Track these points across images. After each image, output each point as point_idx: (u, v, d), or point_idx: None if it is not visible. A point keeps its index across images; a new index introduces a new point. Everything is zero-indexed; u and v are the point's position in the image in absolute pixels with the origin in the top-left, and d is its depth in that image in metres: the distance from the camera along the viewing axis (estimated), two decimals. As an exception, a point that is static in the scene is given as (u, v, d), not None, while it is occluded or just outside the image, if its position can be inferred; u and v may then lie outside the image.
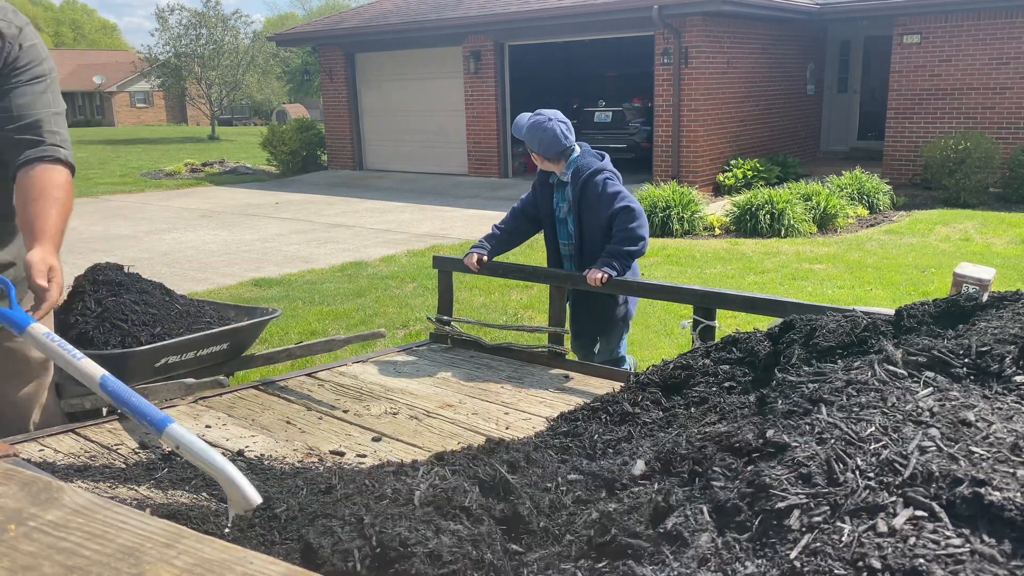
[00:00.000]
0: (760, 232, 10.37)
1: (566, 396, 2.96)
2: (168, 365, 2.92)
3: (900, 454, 1.16)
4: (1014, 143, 12.75)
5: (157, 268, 8.99)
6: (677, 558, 1.17)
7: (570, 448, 2.05)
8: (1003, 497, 1.04)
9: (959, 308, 1.83)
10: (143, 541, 0.74)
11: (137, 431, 2.63)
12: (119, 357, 2.88)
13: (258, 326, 3.34)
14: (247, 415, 2.79)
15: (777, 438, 1.31)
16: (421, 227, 11.77)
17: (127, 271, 3.26)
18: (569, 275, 3.60)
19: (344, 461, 2.38)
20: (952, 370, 1.48)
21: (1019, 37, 12.72)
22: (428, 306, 6.93)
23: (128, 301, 3.07)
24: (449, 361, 3.45)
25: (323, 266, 9.24)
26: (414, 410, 2.83)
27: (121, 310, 2.99)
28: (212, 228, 12.12)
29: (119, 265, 3.27)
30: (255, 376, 4.12)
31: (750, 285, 7.71)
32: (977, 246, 9.46)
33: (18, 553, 0.71)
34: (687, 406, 1.98)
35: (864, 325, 1.81)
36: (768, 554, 1.10)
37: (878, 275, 8.12)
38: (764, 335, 2.09)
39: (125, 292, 3.11)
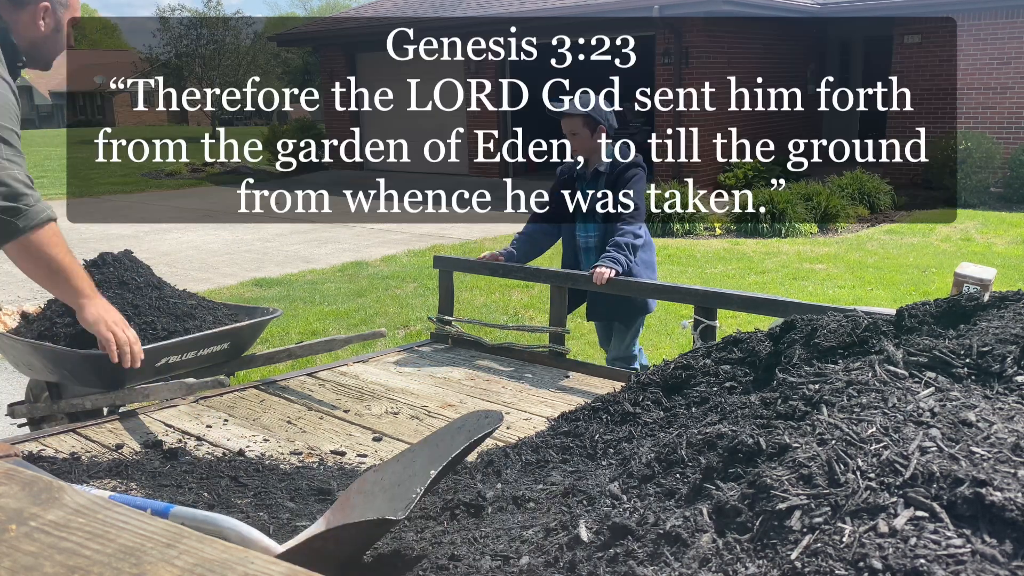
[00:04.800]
0: (761, 232, 10.37)
1: (567, 396, 2.96)
2: (169, 365, 2.92)
3: (901, 455, 1.16)
4: (1015, 143, 12.74)
5: (158, 268, 8.94)
6: (678, 558, 1.17)
7: (571, 448, 2.05)
8: (1004, 497, 1.04)
9: (960, 308, 1.83)
10: (144, 541, 0.74)
11: (138, 431, 2.64)
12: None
13: (259, 326, 3.33)
14: (248, 415, 2.79)
15: (778, 439, 1.31)
16: (421, 227, 11.77)
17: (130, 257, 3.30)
18: (569, 275, 3.60)
19: (345, 461, 2.38)
20: (953, 370, 1.48)
21: (1019, 37, 12.72)
22: (428, 306, 6.92)
23: (131, 299, 3.08)
24: (450, 361, 3.45)
25: (323, 266, 9.24)
26: (415, 410, 2.83)
27: (123, 308, 3.00)
28: (213, 228, 12.12)
29: (120, 256, 3.31)
30: (256, 376, 4.12)
31: (751, 285, 7.71)
32: (978, 246, 9.46)
33: (19, 553, 0.71)
34: (688, 406, 1.98)
35: (865, 325, 1.80)
36: (769, 555, 1.10)
37: (879, 275, 8.12)
38: (765, 335, 2.09)
39: (128, 291, 3.12)
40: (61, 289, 2.27)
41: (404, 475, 1.71)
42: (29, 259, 2.19)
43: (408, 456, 1.78)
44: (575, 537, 1.35)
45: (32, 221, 2.14)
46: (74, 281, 2.28)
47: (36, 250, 2.17)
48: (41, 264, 2.20)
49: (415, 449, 1.81)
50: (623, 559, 1.22)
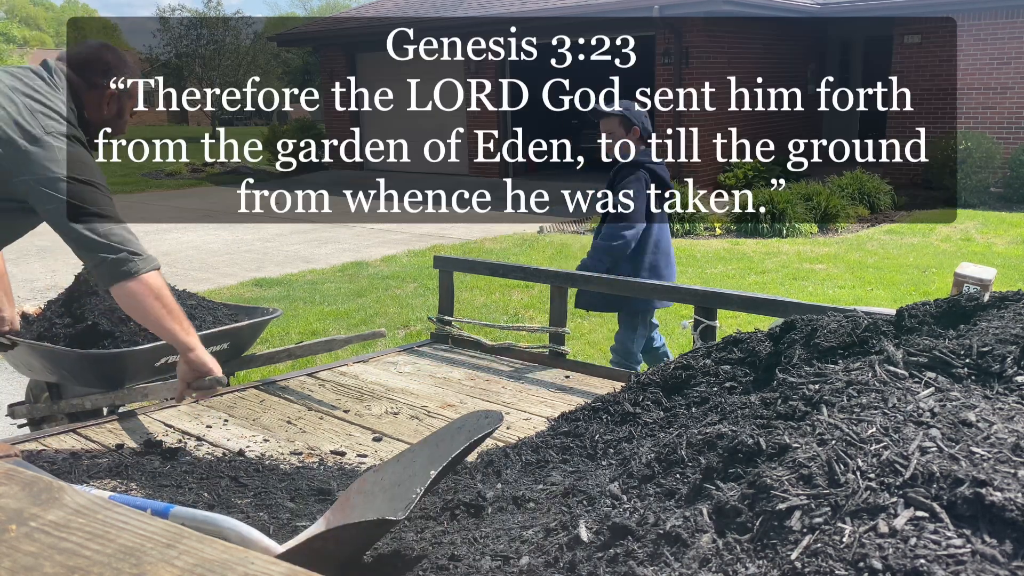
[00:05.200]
0: (761, 232, 10.37)
1: (567, 396, 2.96)
2: (168, 365, 2.92)
3: (901, 455, 1.16)
4: (1015, 143, 12.74)
5: (158, 268, 8.98)
6: (678, 559, 1.17)
7: (571, 448, 2.05)
8: (1004, 497, 1.04)
9: (960, 308, 1.83)
10: (144, 541, 0.74)
11: (138, 431, 2.64)
12: (118, 357, 2.88)
13: (258, 326, 3.34)
14: (248, 415, 2.79)
15: (778, 439, 1.31)
16: (421, 227, 11.77)
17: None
18: (570, 275, 3.61)
19: (345, 461, 2.38)
20: (953, 370, 1.48)
21: (1019, 37, 12.72)
22: (428, 306, 6.93)
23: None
24: (450, 361, 3.45)
25: (324, 266, 9.25)
26: (415, 410, 2.83)
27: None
28: (213, 228, 12.13)
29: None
30: (256, 376, 4.12)
31: (751, 285, 7.71)
32: (978, 246, 9.46)
33: (19, 553, 0.71)
34: (688, 406, 1.98)
35: (865, 325, 1.80)
36: (769, 555, 1.10)
37: (879, 275, 8.12)
38: (765, 335, 2.09)
39: None
40: (167, 332, 2.39)
41: (404, 475, 1.71)
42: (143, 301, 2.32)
43: (408, 456, 1.78)
44: (575, 537, 1.35)
45: (149, 265, 2.34)
46: (184, 322, 2.43)
47: (153, 291, 2.32)
48: (156, 305, 2.34)
49: (415, 449, 1.81)
50: (623, 559, 1.22)
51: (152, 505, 1.77)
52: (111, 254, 2.27)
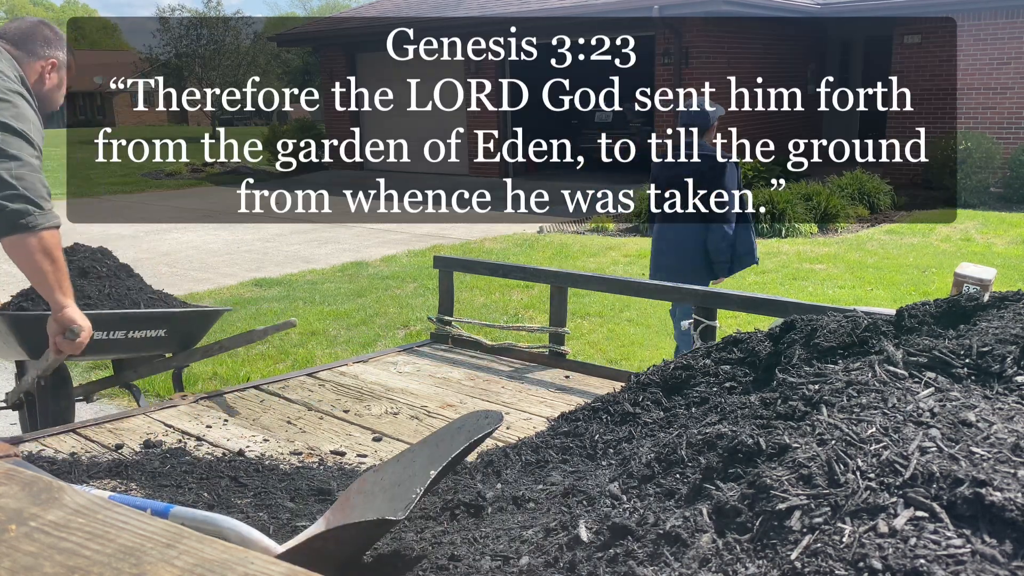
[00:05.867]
0: (761, 232, 10.37)
1: (567, 396, 2.96)
2: (99, 343, 2.95)
3: (901, 455, 1.16)
4: (1015, 143, 12.74)
5: (158, 268, 8.99)
6: (678, 559, 1.17)
7: (571, 448, 2.05)
8: (1004, 497, 1.04)
9: (960, 308, 1.83)
10: (144, 541, 0.74)
11: (138, 431, 2.64)
12: (35, 319, 2.91)
13: (198, 316, 3.49)
14: (248, 415, 2.79)
15: (778, 439, 1.31)
16: (421, 227, 11.77)
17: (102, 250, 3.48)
18: (570, 275, 3.61)
19: (345, 461, 2.38)
20: (953, 370, 1.48)
21: (1019, 37, 12.72)
22: (428, 306, 6.93)
23: (82, 286, 3.26)
24: (450, 361, 3.45)
25: (323, 266, 9.25)
26: (415, 410, 2.83)
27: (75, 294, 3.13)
28: (213, 228, 12.13)
29: (96, 249, 3.44)
30: (255, 376, 4.13)
31: (751, 285, 7.71)
32: (978, 246, 9.46)
33: (19, 553, 0.71)
34: (688, 406, 1.97)
35: (865, 325, 1.80)
36: (769, 555, 1.10)
37: (879, 275, 8.12)
38: (765, 335, 2.08)
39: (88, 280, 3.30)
40: (47, 288, 2.43)
41: (404, 475, 1.71)
42: (32, 255, 2.34)
43: (408, 456, 1.78)
44: (575, 537, 1.35)
45: (49, 221, 2.34)
46: (64, 283, 2.46)
47: (44, 248, 2.34)
48: (45, 262, 2.36)
49: (415, 449, 1.81)
50: (623, 559, 1.22)
51: (152, 505, 1.77)
52: (11, 203, 2.27)
